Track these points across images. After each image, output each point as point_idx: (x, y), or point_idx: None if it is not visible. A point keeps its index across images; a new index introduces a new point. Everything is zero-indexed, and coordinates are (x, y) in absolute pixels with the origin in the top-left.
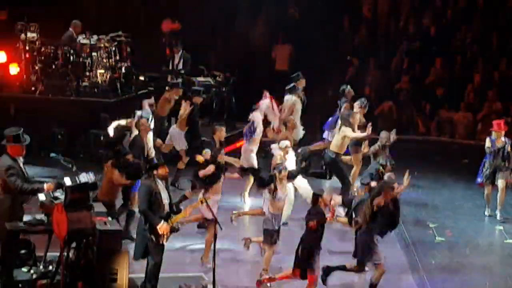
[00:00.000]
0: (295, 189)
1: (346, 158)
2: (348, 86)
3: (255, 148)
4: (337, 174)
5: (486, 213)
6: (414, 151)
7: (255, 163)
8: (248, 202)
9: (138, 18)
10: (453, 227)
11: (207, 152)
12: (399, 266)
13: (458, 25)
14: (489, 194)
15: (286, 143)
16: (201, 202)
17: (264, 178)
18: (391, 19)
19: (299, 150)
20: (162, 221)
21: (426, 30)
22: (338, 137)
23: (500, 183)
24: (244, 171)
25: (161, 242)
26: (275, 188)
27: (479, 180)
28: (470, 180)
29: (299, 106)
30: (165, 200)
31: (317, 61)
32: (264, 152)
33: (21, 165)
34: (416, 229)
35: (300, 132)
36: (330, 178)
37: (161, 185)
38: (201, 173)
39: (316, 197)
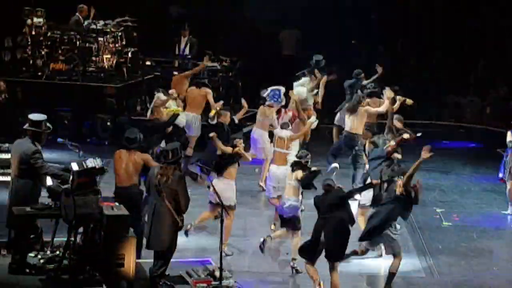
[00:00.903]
0: None
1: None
2: (362, 73)
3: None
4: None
5: (509, 211)
6: (421, 135)
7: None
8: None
9: (144, 2)
10: (460, 212)
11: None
12: (405, 250)
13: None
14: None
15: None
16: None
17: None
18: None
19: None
20: None
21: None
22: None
23: None
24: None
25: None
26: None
27: (500, 175)
28: (477, 165)
29: (304, 94)
30: None
31: (324, 47)
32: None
33: None
34: (423, 213)
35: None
36: None
37: None
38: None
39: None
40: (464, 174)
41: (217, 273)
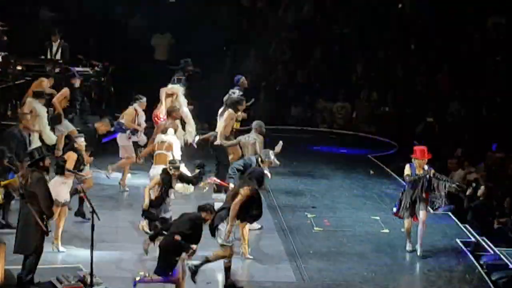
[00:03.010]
0: None
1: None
2: (243, 77)
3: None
4: (218, 157)
5: (407, 248)
6: (291, 140)
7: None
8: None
9: (16, 5)
10: (331, 217)
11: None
12: (277, 254)
13: (336, 14)
14: (409, 227)
15: (172, 131)
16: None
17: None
18: (270, 8)
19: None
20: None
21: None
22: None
23: (422, 214)
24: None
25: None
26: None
27: (395, 210)
28: (347, 170)
29: (181, 98)
30: None
31: (196, 51)
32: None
33: None
34: (294, 218)
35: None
36: None
37: None
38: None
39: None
40: (335, 179)
41: (88, 279)
